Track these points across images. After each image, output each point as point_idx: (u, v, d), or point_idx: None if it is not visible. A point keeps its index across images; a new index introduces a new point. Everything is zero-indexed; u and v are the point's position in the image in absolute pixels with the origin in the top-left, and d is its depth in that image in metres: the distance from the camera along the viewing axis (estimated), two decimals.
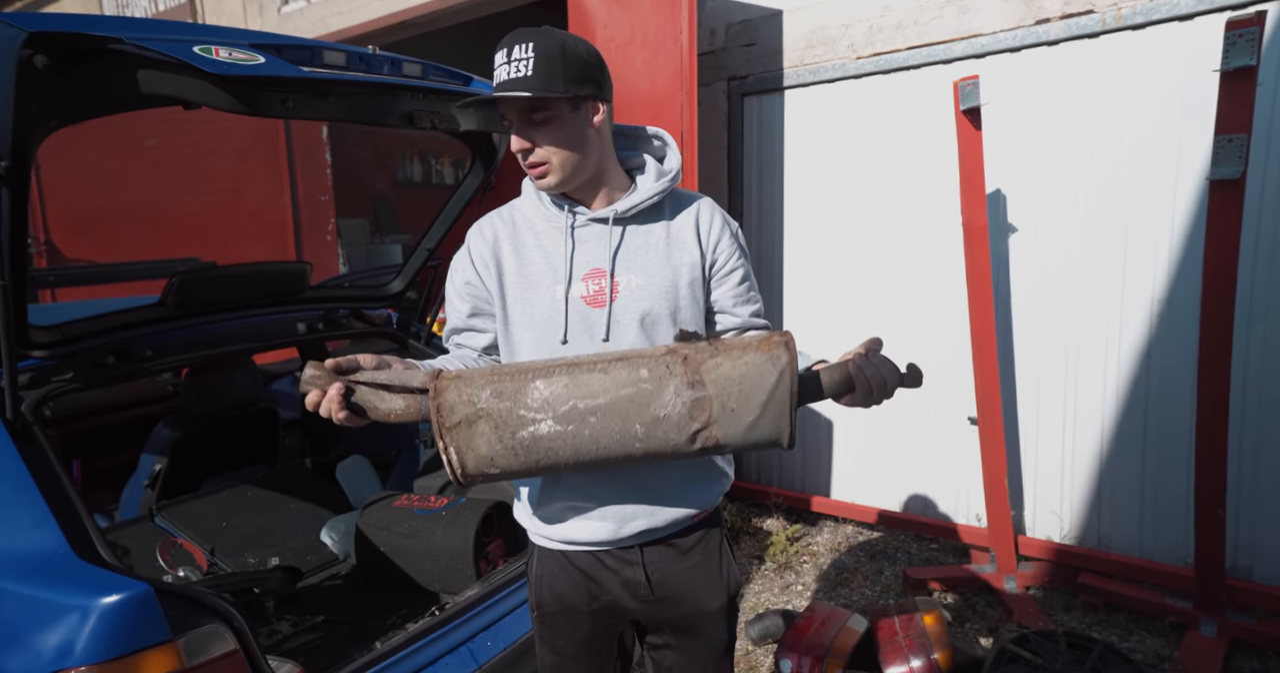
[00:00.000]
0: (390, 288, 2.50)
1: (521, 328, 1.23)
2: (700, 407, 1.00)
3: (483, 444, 1.00)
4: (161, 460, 2.32)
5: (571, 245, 1.21)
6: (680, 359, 1.01)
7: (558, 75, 1.11)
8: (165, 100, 1.46)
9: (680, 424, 1.01)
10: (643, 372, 1.00)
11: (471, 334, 1.30)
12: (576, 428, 1.00)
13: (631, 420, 1.00)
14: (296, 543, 2.34)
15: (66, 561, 1.26)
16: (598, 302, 1.20)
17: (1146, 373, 2.66)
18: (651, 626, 1.33)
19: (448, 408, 1.00)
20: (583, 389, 1.00)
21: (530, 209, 1.27)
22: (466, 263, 1.26)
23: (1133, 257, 2.64)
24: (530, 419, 0.99)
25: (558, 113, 1.14)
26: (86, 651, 1.15)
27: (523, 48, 1.11)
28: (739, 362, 1.01)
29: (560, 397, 0.99)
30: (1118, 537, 2.76)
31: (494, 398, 1.00)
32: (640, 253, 1.22)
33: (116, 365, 1.74)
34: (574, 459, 1.02)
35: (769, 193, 3.48)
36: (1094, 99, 2.65)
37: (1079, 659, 1.93)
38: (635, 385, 1.00)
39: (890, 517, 3.23)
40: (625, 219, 1.23)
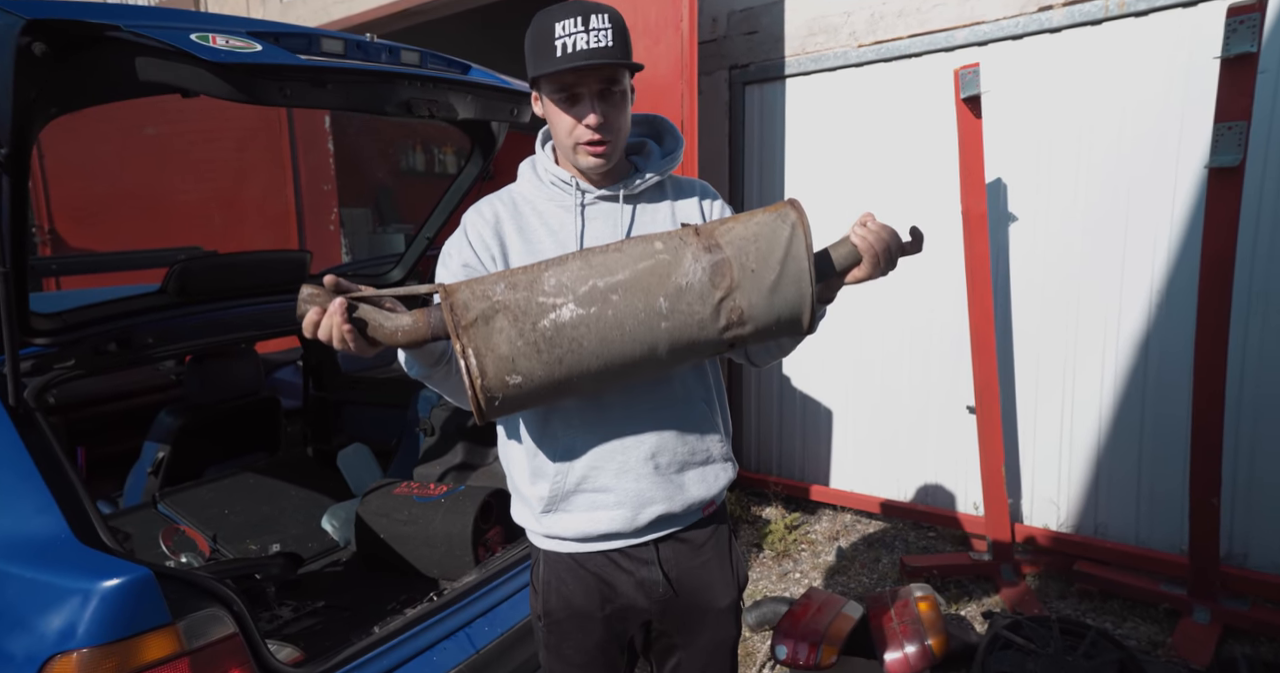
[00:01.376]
0: (390, 276, 2.51)
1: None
2: (720, 270, 0.96)
3: (502, 342, 0.92)
4: (164, 448, 2.35)
5: (582, 223, 1.20)
6: (692, 231, 1.00)
7: (628, 46, 1.12)
8: (163, 88, 1.46)
9: (704, 293, 0.96)
10: (657, 244, 0.98)
11: None
12: (599, 309, 0.94)
13: (655, 294, 0.95)
14: (297, 530, 2.36)
15: (68, 545, 1.28)
16: None
17: (1145, 362, 2.66)
18: (660, 624, 1.31)
19: (461, 306, 0.93)
20: (600, 268, 0.95)
21: (531, 190, 1.24)
22: (464, 245, 1.21)
23: (1132, 246, 2.63)
24: (550, 304, 0.93)
25: (626, 87, 1.15)
26: (88, 633, 1.17)
27: (600, 18, 1.09)
28: (750, 223, 1.00)
29: (578, 278, 0.95)
30: (1114, 525, 2.77)
31: (509, 290, 0.94)
32: (650, 228, 1.21)
33: (118, 353, 1.75)
34: (600, 350, 0.95)
35: (770, 181, 3.47)
36: (1096, 87, 2.63)
37: (1072, 645, 1.94)
38: (653, 257, 0.96)
39: (888, 505, 3.25)
40: (633, 197, 1.23)
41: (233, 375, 2.51)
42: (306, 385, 2.98)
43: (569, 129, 1.14)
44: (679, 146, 1.28)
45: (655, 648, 1.36)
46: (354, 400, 2.89)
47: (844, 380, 3.34)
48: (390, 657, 1.60)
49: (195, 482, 2.41)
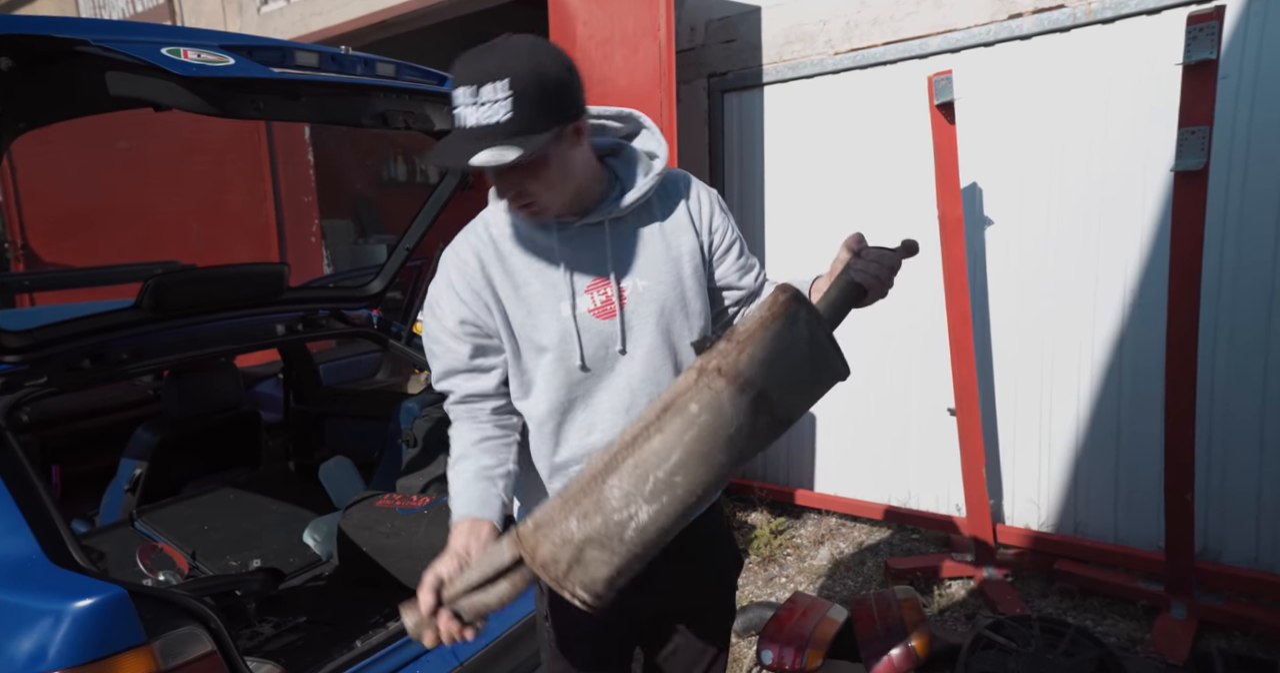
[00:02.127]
0: (370, 288, 2.50)
1: (533, 354, 1.15)
2: (760, 403, 0.96)
3: (601, 568, 0.94)
4: (142, 465, 2.32)
5: (567, 260, 1.12)
6: (715, 373, 0.95)
7: (539, 113, 0.98)
8: (135, 102, 1.46)
9: (754, 425, 0.96)
10: (692, 407, 0.95)
11: (473, 375, 1.18)
12: (670, 494, 0.94)
13: (713, 456, 0.95)
14: (279, 545, 2.34)
15: (39, 566, 1.27)
16: (607, 312, 1.14)
17: (1120, 362, 2.70)
18: (659, 612, 1.33)
19: (550, 561, 0.94)
20: (652, 460, 0.94)
21: (509, 226, 1.17)
22: (454, 300, 1.14)
23: (1105, 249, 2.68)
24: (627, 516, 0.93)
25: (543, 154, 1.01)
26: (60, 655, 1.16)
27: (495, 87, 0.95)
28: (766, 341, 0.96)
29: (638, 479, 0.93)
30: (1093, 523, 2.80)
31: (583, 522, 0.94)
32: (639, 252, 1.16)
33: (92, 369, 1.74)
34: (682, 516, 0.97)
35: (750, 189, 3.50)
36: (1067, 93, 2.68)
37: (1052, 644, 1.96)
38: (695, 425, 0.94)
39: (872, 508, 3.27)
40: (618, 221, 1.15)
41: (212, 390, 2.49)
42: (287, 399, 2.95)
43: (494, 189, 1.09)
44: (659, 156, 1.18)
45: (651, 635, 1.37)
46: (335, 413, 2.87)
47: None
48: (373, 671, 1.59)
49: (174, 498, 2.38)
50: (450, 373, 1.20)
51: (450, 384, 1.20)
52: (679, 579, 1.28)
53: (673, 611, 1.33)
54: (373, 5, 4.66)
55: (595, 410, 1.18)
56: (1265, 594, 2.40)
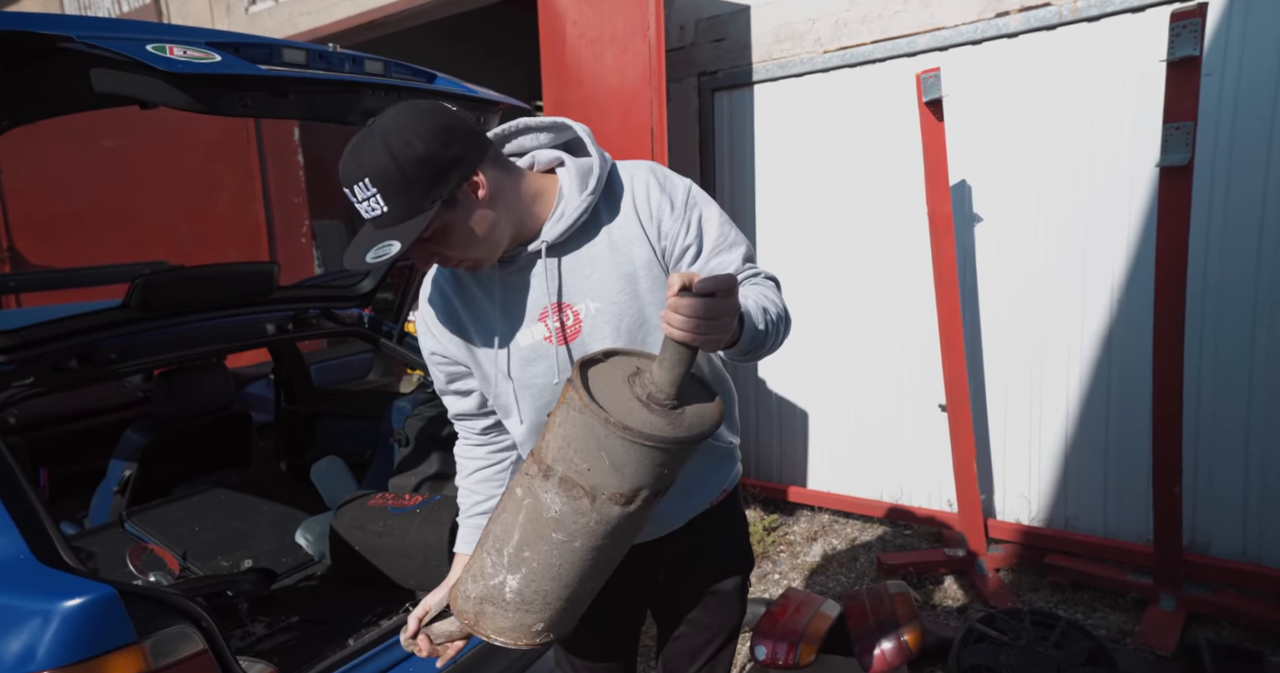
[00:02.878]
0: (360, 288, 2.49)
1: (501, 380, 1.18)
2: (568, 487, 0.93)
3: (500, 619, 1.05)
4: (131, 466, 2.31)
5: (502, 290, 1.14)
6: (532, 457, 0.99)
7: (413, 194, 0.98)
8: (120, 100, 1.45)
9: (578, 508, 0.94)
10: (518, 491, 1.00)
11: (457, 396, 1.27)
12: (527, 568, 1.00)
13: (546, 533, 0.97)
14: (271, 545, 2.33)
15: (28, 566, 1.26)
16: (562, 338, 1.13)
17: (1109, 358, 2.72)
18: (667, 602, 1.36)
19: (462, 612, 1.08)
20: (502, 537, 1.02)
21: None
22: (426, 332, 1.22)
23: (1093, 245, 2.70)
24: (500, 581, 1.02)
25: (441, 223, 1.01)
26: (50, 654, 1.15)
27: (362, 186, 0.98)
28: (554, 428, 0.94)
29: (495, 550, 1.03)
30: (1083, 517, 2.83)
31: (474, 583, 1.06)
32: (585, 275, 1.11)
33: (79, 369, 1.72)
34: (566, 583, 1.00)
35: (741, 188, 3.51)
36: (1054, 90, 2.70)
37: (1043, 636, 1.98)
38: (521, 508, 0.99)
39: (865, 505, 3.28)
40: (559, 245, 1.11)
41: (202, 390, 2.48)
42: (278, 399, 2.94)
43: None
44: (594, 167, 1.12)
45: (659, 618, 1.40)
46: (327, 413, 2.86)
47: (819, 382, 3.38)
48: (365, 669, 1.59)
49: (164, 499, 2.36)
50: (442, 392, 1.30)
51: (445, 401, 1.31)
52: (677, 578, 1.31)
53: (677, 604, 1.36)
54: (361, 5, 4.65)
55: None
56: (1253, 585, 2.43)
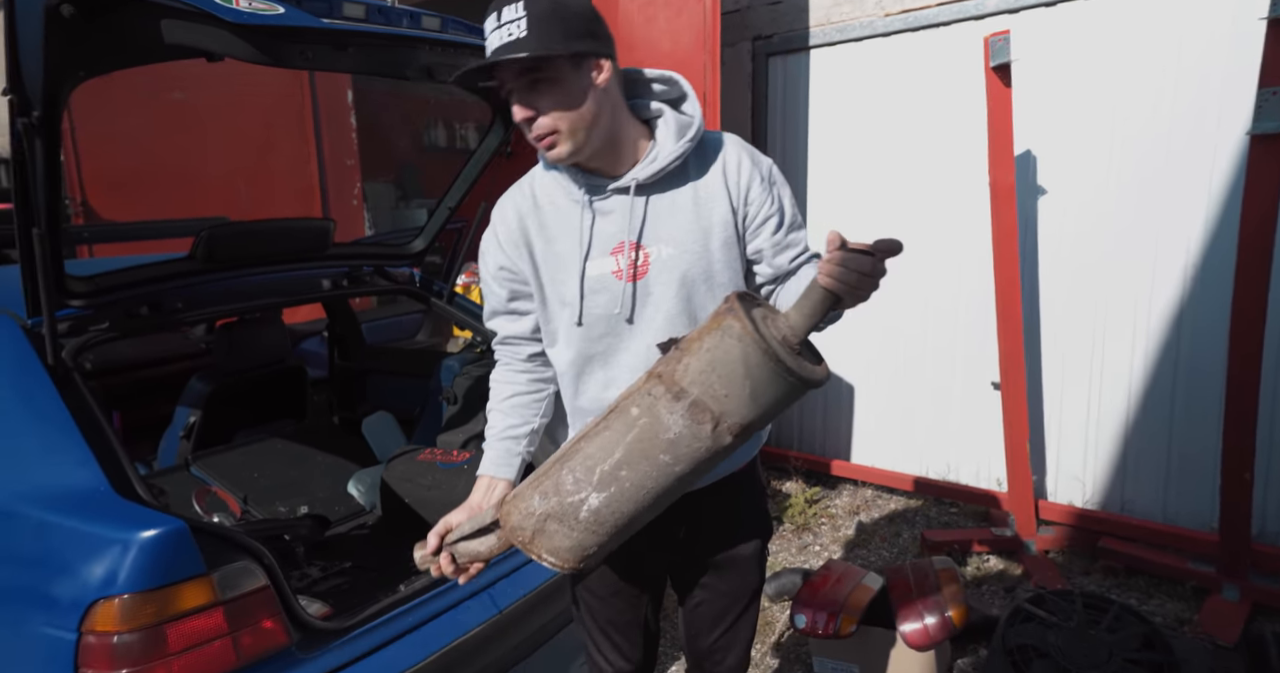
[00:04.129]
0: (412, 247, 2.52)
1: (557, 307, 1.21)
2: (697, 411, 0.97)
3: (561, 538, 1.05)
4: (195, 413, 2.40)
5: (591, 219, 1.17)
6: (656, 379, 1.00)
7: (554, 32, 1.04)
8: (189, 51, 1.47)
9: (695, 433, 0.99)
10: (633, 411, 1.01)
11: (512, 317, 1.27)
12: (617, 486, 1.02)
13: (654, 456, 1.00)
14: (325, 494, 2.41)
15: (107, 498, 1.32)
16: (627, 275, 1.16)
17: (1177, 337, 2.60)
18: (686, 564, 1.37)
19: (518, 528, 1.06)
20: (599, 453, 1.02)
21: (549, 182, 1.21)
22: (495, 247, 1.23)
23: (1168, 216, 2.56)
24: (579, 500, 1.03)
25: (558, 74, 1.06)
26: (128, 580, 1.21)
27: (513, 8, 1.03)
28: (700, 352, 0.97)
29: (587, 468, 1.03)
30: (1141, 502, 2.74)
31: (543, 500, 1.05)
32: (666, 219, 1.17)
33: (149, 317, 1.79)
34: (638, 508, 1.04)
35: (793, 155, 3.43)
36: (1133, 54, 2.55)
37: (1094, 619, 1.93)
38: (635, 426, 1.01)
39: (909, 480, 3.24)
40: (648, 186, 1.16)
41: (261, 344, 2.56)
42: (332, 355, 3.02)
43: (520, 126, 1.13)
44: (694, 121, 1.19)
45: (680, 585, 1.41)
46: (378, 370, 2.93)
47: (866, 355, 3.32)
48: (416, 614, 1.64)
49: (226, 446, 2.46)
50: (494, 313, 1.30)
51: (495, 324, 1.30)
52: (695, 538, 1.32)
53: (695, 567, 1.36)
54: None
55: (614, 368, 1.22)
56: None
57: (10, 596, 1.30)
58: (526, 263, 1.21)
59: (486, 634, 1.68)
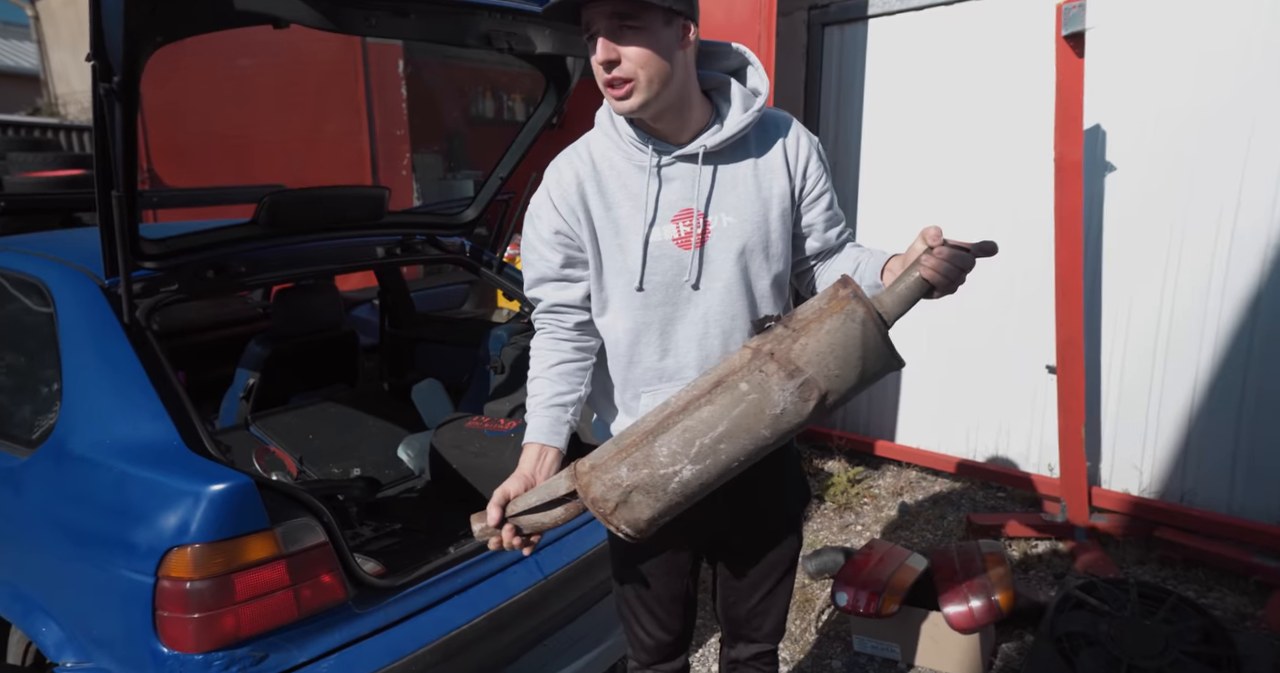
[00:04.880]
0: (464, 216, 2.54)
1: (613, 274, 1.20)
2: (807, 389, 1.02)
3: (644, 510, 1.06)
4: (254, 375, 2.48)
5: (657, 186, 1.16)
6: (768, 357, 1.03)
7: None
8: (258, 18, 1.49)
9: (798, 408, 1.03)
10: (742, 386, 1.04)
11: (562, 285, 1.24)
12: (713, 459, 1.05)
13: (756, 429, 1.04)
14: (376, 457, 2.48)
15: (179, 451, 1.38)
16: (689, 242, 1.17)
17: (1252, 322, 2.48)
18: (730, 532, 1.37)
19: (600, 499, 1.06)
20: (700, 427, 1.04)
21: (608, 146, 1.20)
22: (551, 210, 1.20)
23: (1247, 195, 2.43)
24: (672, 473, 1.04)
25: (650, 24, 1.06)
26: (200, 530, 1.27)
27: None
28: (821, 333, 1.02)
29: (685, 442, 1.04)
30: (1203, 492, 2.64)
31: (632, 471, 1.05)
32: (729, 189, 1.18)
33: (215, 280, 1.84)
34: (721, 480, 1.08)
35: (847, 127, 3.34)
36: (1219, 21, 2.40)
37: (1150, 610, 1.88)
38: (742, 401, 1.03)
39: (955, 462, 3.18)
40: (713, 154, 1.17)
41: (316, 310, 2.62)
42: (382, 323, 3.08)
43: (595, 70, 1.11)
44: (761, 94, 1.19)
45: (721, 552, 1.41)
46: (427, 338, 2.98)
47: (916, 334, 3.24)
48: (464, 576, 1.68)
49: (283, 408, 2.54)
50: (541, 280, 1.25)
51: (540, 292, 1.26)
52: (736, 509, 1.32)
53: (733, 537, 1.36)
54: None
55: (670, 336, 1.22)
56: None
57: (95, 540, 1.37)
58: (585, 228, 1.18)
59: (532, 599, 1.72)
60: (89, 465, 1.39)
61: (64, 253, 1.78)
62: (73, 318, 1.57)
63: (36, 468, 1.53)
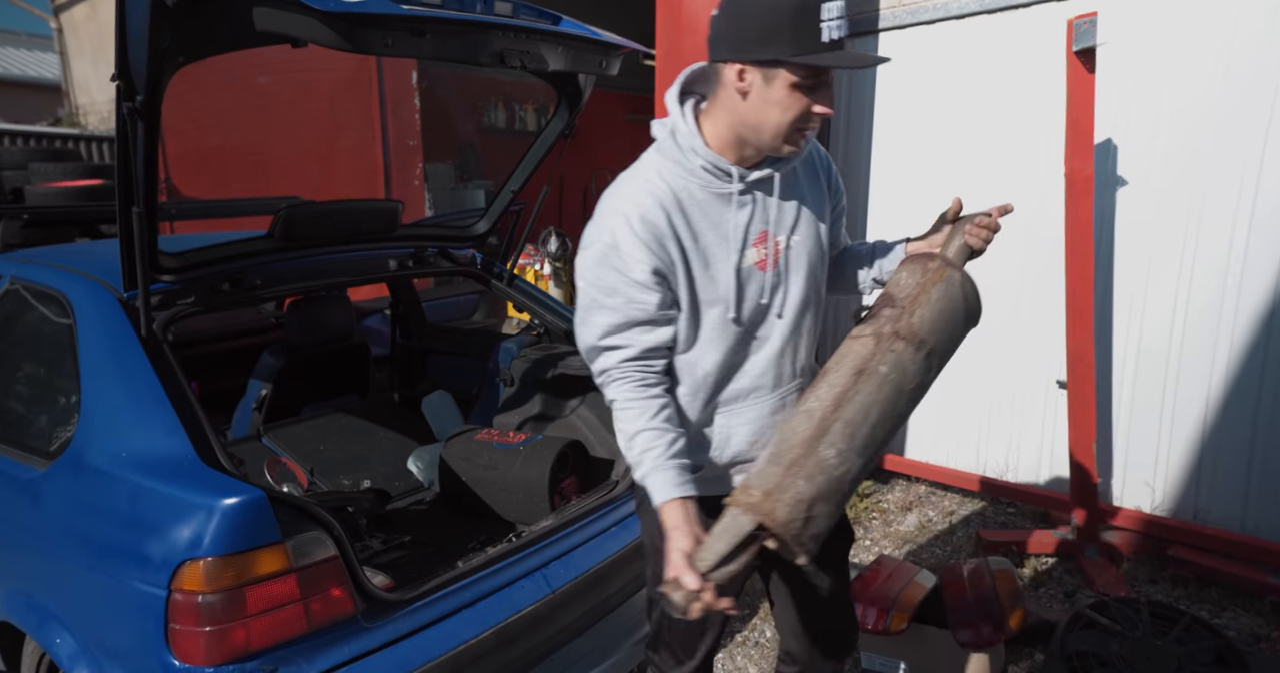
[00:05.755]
0: (475, 229, 2.57)
1: (707, 307, 1.19)
2: (932, 356, 1.13)
3: (825, 519, 1.06)
4: (267, 386, 2.51)
5: (744, 213, 1.18)
6: (894, 336, 1.11)
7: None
8: (276, 38, 1.52)
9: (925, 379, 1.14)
10: (882, 368, 1.11)
11: (651, 328, 1.17)
12: (873, 448, 1.10)
13: (900, 407, 1.12)
14: (386, 469, 2.50)
15: (194, 465, 1.40)
16: (769, 265, 1.22)
17: (1266, 338, 2.46)
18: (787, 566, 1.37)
19: (787, 521, 1.02)
20: (859, 417, 1.08)
21: (681, 176, 1.17)
22: (643, 251, 1.13)
23: (1260, 212, 2.42)
24: (844, 472, 1.06)
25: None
26: (213, 543, 1.29)
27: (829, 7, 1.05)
28: (932, 303, 1.14)
29: (849, 436, 1.07)
30: (1216, 510, 2.62)
31: (809, 482, 1.04)
32: (794, 209, 1.24)
33: (230, 293, 1.87)
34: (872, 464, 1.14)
35: (857, 141, 3.35)
36: (1232, 37, 2.40)
37: (1162, 630, 1.86)
38: (886, 383, 1.10)
39: (966, 478, 3.16)
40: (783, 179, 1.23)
41: (328, 320, 2.64)
42: (394, 334, 3.11)
43: (798, 114, 1.09)
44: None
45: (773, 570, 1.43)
46: (438, 349, 3.00)
47: None
48: (472, 590, 1.68)
49: (295, 418, 2.56)
50: (628, 326, 1.16)
51: (624, 339, 1.17)
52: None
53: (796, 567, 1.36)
54: None
55: (754, 358, 1.25)
56: None
57: (110, 551, 1.39)
58: (679, 263, 1.15)
59: (540, 613, 1.72)
60: (105, 477, 1.41)
61: (84, 266, 1.82)
62: (91, 331, 1.60)
63: (55, 479, 1.55)
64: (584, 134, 6.50)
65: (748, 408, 1.26)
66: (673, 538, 1.08)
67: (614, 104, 7.02)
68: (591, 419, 2.52)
